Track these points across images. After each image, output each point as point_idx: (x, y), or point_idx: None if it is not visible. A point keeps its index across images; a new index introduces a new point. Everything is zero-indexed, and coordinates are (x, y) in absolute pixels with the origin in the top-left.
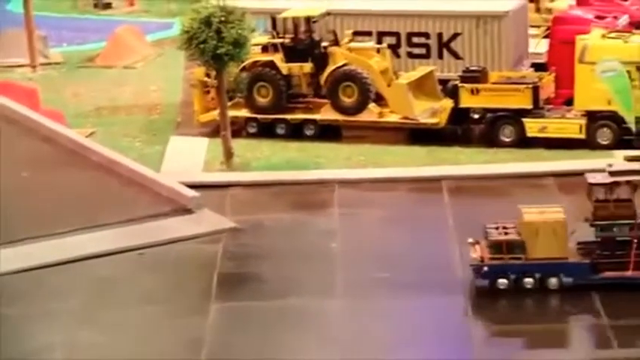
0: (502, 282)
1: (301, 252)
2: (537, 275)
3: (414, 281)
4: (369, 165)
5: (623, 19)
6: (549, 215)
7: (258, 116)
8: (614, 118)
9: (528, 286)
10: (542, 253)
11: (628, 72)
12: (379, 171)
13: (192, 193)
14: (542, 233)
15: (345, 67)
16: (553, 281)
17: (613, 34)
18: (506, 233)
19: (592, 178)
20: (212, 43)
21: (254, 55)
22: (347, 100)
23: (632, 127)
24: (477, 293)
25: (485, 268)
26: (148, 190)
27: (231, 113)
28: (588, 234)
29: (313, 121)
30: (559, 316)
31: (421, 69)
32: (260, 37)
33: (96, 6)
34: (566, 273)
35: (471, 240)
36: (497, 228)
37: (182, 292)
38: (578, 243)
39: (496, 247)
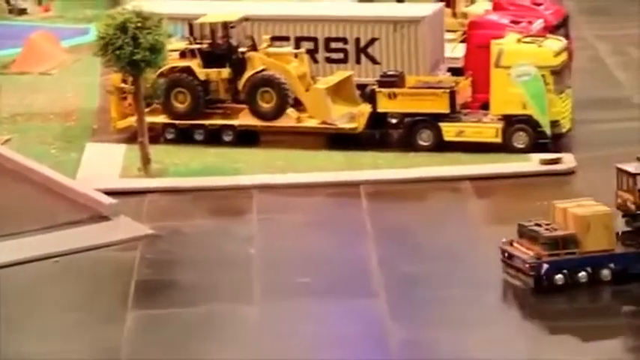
0: (559, 278)
1: (220, 258)
2: (589, 268)
3: (333, 286)
4: (288, 170)
5: (538, 24)
6: (594, 208)
7: (176, 122)
8: (529, 122)
9: (583, 280)
10: (593, 246)
11: (543, 76)
12: (298, 176)
13: (109, 200)
14: (594, 226)
15: (263, 73)
16: (605, 273)
17: (528, 39)
18: (554, 229)
19: (632, 168)
20: (128, 49)
21: (171, 60)
22: (265, 106)
23: (547, 130)
24: (397, 296)
25: (546, 266)
26: (64, 197)
27: (149, 119)
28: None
29: (231, 127)
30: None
31: (339, 74)
32: (177, 43)
33: (10, 12)
34: (617, 264)
35: (504, 240)
36: (539, 225)
37: (99, 300)
38: (620, 233)
39: (553, 243)
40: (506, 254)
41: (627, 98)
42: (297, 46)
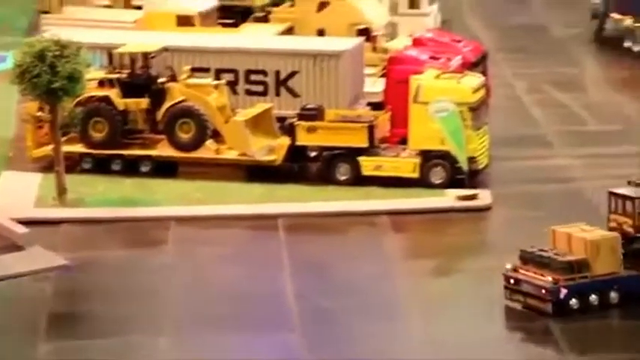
0: (574, 302)
1: (135, 290)
2: (599, 292)
3: (249, 319)
4: (206, 202)
5: (456, 61)
6: (599, 232)
7: (93, 152)
8: (447, 158)
9: (595, 303)
10: (603, 270)
11: (460, 112)
12: (215, 208)
13: (23, 229)
14: (603, 250)
15: (183, 104)
16: (613, 295)
17: (446, 75)
18: (563, 254)
19: (631, 192)
20: (46, 78)
21: (89, 89)
22: (184, 137)
23: (465, 166)
24: (313, 331)
25: (565, 290)
26: None
27: (66, 148)
28: None
29: (149, 157)
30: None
31: (259, 106)
32: (96, 72)
33: None
34: (624, 286)
35: (508, 267)
36: (544, 251)
37: (9, 332)
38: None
39: (569, 268)
40: (511, 281)
41: (543, 136)
42: (217, 78)
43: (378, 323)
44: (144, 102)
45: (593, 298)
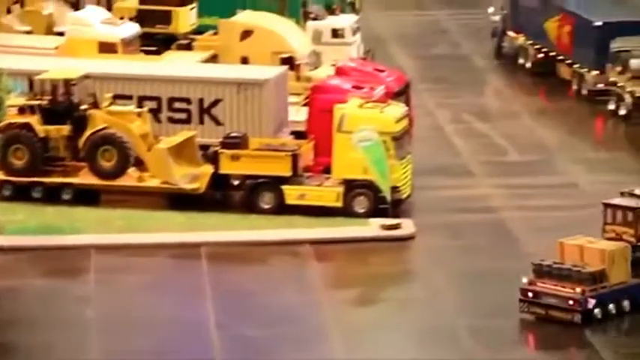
0: (598, 311)
1: (56, 319)
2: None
3: (171, 349)
4: (128, 230)
5: (380, 90)
6: (610, 242)
7: (13, 179)
8: (370, 187)
9: (612, 312)
10: (617, 279)
11: (384, 142)
12: (138, 236)
13: None
14: (617, 260)
15: (105, 131)
16: (625, 304)
17: (370, 105)
18: (582, 266)
19: (632, 203)
20: None
21: (10, 116)
22: (106, 164)
23: (388, 196)
24: (235, 358)
25: (593, 301)
26: None
27: None
28: None
29: (71, 185)
30: None
31: (182, 134)
32: (17, 99)
33: None
34: (634, 295)
35: (525, 280)
36: (560, 263)
37: None
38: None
39: (592, 279)
40: (529, 294)
41: (465, 165)
42: (140, 106)
43: (301, 352)
44: (65, 129)
45: (611, 307)
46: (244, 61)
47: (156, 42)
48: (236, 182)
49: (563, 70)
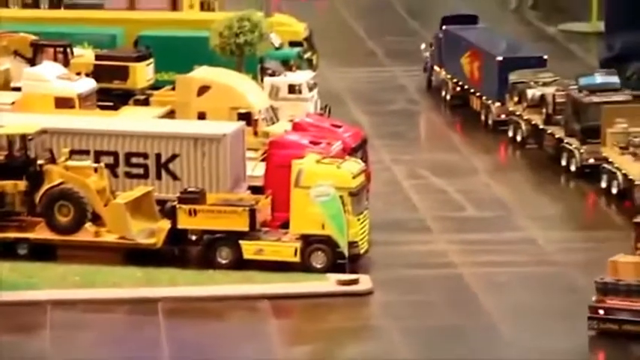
0: None
1: None
2: None
3: None
4: (85, 285)
5: (337, 146)
6: None
7: None
8: (328, 242)
9: None
10: None
11: (341, 197)
12: (94, 292)
13: None
14: None
15: (62, 186)
16: None
17: (327, 160)
18: None
19: None
20: None
21: None
22: (63, 219)
23: (345, 251)
24: None
25: None
26: None
27: None
28: None
29: (27, 240)
30: None
31: (139, 189)
32: None
33: None
34: None
35: (595, 298)
36: (622, 280)
37: None
38: None
39: None
40: (600, 311)
41: (422, 221)
42: (97, 160)
43: None
44: (22, 184)
45: None
46: (202, 116)
47: (113, 97)
48: (194, 237)
49: (475, 102)
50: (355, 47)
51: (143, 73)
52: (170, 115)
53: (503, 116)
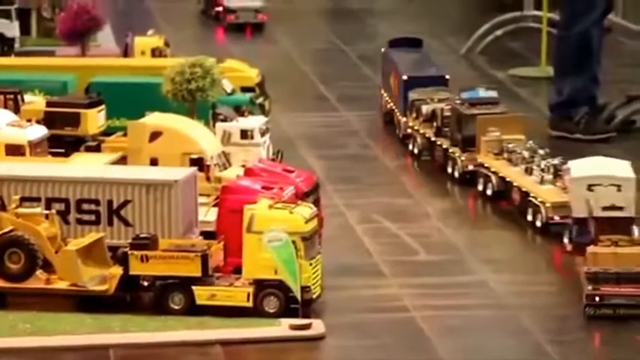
0: None
1: None
2: None
3: None
4: (36, 333)
5: (289, 191)
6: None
7: None
8: (280, 287)
9: None
10: None
11: (294, 242)
12: (45, 339)
13: None
14: None
15: (12, 233)
16: None
17: (279, 205)
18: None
19: None
20: None
21: None
22: (13, 267)
23: (298, 296)
24: None
25: None
26: None
27: None
28: None
29: None
30: None
31: (90, 236)
32: None
33: None
34: None
35: (590, 287)
36: (610, 269)
37: None
38: None
39: None
40: (597, 299)
41: (375, 265)
42: (48, 207)
43: None
44: None
45: None
46: (154, 162)
47: (64, 144)
48: (146, 283)
49: (395, 119)
50: (307, 92)
51: (95, 120)
52: (122, 161)
53: (409, 130)
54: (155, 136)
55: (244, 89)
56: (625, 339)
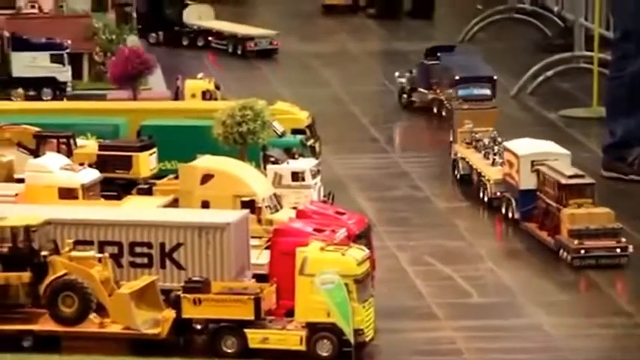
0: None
1: None
2: None
3: None
4: None
5: (341, 233)
6: (600, 208)
7: None
8: (333, 330)
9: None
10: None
11: (346, 285)
12: None
13: None
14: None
15: (66, 277)
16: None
17: (331, 247)
18: (605, 225)
19: None
20: None
21: None
22: (67, 310)
23: (351, 339)
24: None
25: (631, 247)
26: None
27: None
28: None
29: (31, 332)
30: None
31: (143, 279)
32: None
33: None
34: None
35: (576, 242)
36: (590, 227)
37: None
38: None
39: (621, 232)
40: (582, 251)
41: (428, 307)
42: (101, 251)
43: None
44: (26, 276)
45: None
46: (205, 204)
47: (116, 187)
48: (198, 326)
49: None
50: (357, 134)
51: (146, 163)
52: (174, 204)
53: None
54: (206, 178)
55: (295, 131)
56: None
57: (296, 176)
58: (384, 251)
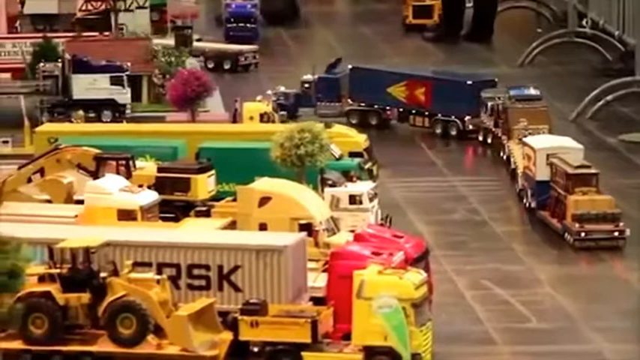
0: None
1: None
2: None
3: None
4: None
5: (399, 256)
6: (603, 196)
7: (32, 348)
8: (390, 354)
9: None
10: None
11: (403, 308)
12: None
13: None
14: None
15: (124, 298)
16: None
17: (389, 271)
18: (602, 210)
19: None
20: None
21: (30, 285)
22: (125, 332)
23: None
24: None
25: (628, 230)
26: None
27: (3, 345)
28: None
29: (90, 353)
30: None
31: (201, 301)
32: (36, 267)
33: None
34: None
35: (577, 225)
36: (592, 212)
37: None
38: None
39: (620, 217)
40: (582, 234)
41: (486, 332)
42: (159, 273)
43: None
44: (85, 297)
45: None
46: (263, 227)
47: (175, 209)
48: (256, 349)
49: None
50: (415, 157)
51: (204, 185)
52: (232, 226)
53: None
54: (264, 201)
55: (352, 154)
56: None
57: (353, 199)
58: (441, 275)
